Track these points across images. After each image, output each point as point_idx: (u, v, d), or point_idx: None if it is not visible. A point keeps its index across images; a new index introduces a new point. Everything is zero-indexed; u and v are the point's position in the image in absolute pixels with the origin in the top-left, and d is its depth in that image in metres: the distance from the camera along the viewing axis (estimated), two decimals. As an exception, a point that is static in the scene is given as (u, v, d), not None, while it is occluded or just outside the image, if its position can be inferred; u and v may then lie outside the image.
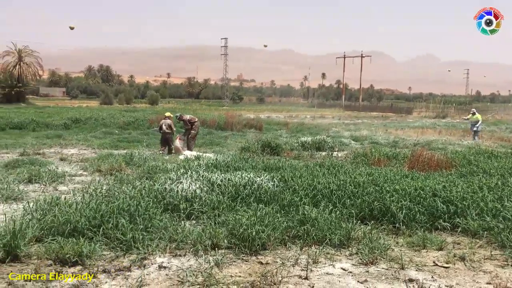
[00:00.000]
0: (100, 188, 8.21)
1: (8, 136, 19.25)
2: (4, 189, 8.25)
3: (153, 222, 6.05)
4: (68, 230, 5.65)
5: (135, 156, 12.32)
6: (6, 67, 66.03)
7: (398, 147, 18.00)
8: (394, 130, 28.19)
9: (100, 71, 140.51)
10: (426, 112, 61.25)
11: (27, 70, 65.22)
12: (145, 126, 24.99)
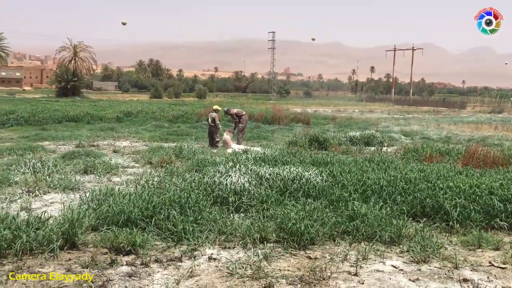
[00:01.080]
0: (151, 180, 8.45)
1: (65, 128, 20.07)
2: (62, 179, 8.62)
3: (203, 214, 6.15)
4: (122, 220, 5.84)
5: (184, 149, 12.55)
6: (62, 62, 68.88)
7: (451, 142, 17.43)
8: (446, 125, 27.31)
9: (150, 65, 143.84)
10: (481, 107, 58.93)
11: (81, 65, 67.68)
12: (193, 119, 25.41)
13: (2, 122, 20.99)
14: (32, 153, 11.66)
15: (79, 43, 69.56)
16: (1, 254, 4.86)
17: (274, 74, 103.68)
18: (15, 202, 7.27)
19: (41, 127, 20.21)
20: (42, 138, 16.20)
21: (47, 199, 7.64)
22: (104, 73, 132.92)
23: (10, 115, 22.40)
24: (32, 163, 9.66)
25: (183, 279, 4.52)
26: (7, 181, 8.51)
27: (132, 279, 4.51)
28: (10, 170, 9.48)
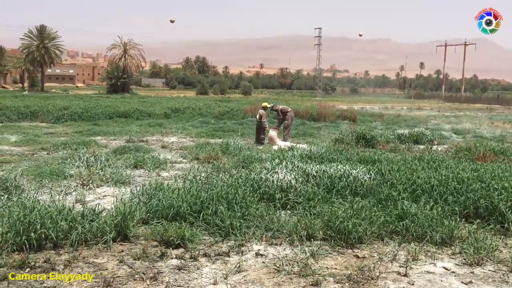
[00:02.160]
0: (199, 175, 8.59)
1: (115, 124, 20.70)
2: (113, 173, 8.90)
3: (250, 210, 6.19)
4: (171, 214, 5.97)
5: (231, 145, 12.67)
6: (113, 59, 70.99)
7: (506, 141, 16.73)
8: (500, 123, 26.23)
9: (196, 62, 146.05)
10: (538, 104, 56.13)
11: (131, 62, 69.46)
12: (239, 116, 25.61)
13: (57, 117, 21.90)
14: (85, 148, 12.13)
15: (129, 40, 71.42)
16: (58, 244, 5.08)
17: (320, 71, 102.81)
18: (70, 194, 7.58)
19: (93, 122, 20.95)
20: (95, 133, 16.78)
21: (100, 192, 7.91)
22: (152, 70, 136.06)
23: (64, 110, 23.33)
24: (86, 157, 10.03)
25: (231, 274, 4.57)
26: (63, 174, 8.87)
27: (182, 272, 4.61)
28: (65, 163, 9.88)
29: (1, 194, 6.81)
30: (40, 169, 9.28)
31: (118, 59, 69.11)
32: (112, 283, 4.28)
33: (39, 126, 19.48)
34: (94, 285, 4.24)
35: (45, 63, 67.46)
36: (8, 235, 4.92)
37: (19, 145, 13.34)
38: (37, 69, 69.86)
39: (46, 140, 14.33)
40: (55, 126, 19.90)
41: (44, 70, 71.42)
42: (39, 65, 67.78)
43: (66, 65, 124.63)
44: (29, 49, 66.61)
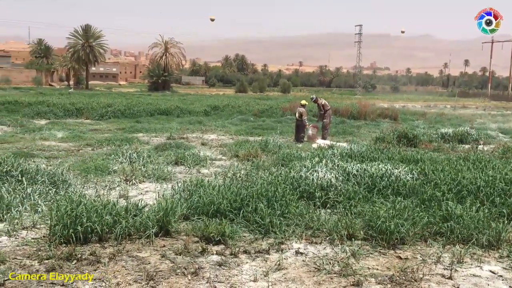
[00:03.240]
0: (238, 172, 8.64)
1: (157, 121, 21.08)
2: (155, 169, 9.08)
3: (290, 208, 6.17)
4: (211, 211, 6.04)
5: (270, 143, 12.67)
6: (154, 57, 72.37)
7: (557, 142, 15.99)
8: (551, 122, 25.10)
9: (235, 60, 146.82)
10: None
11: (172, 61, 70.60)
12: (278, 114, 25.59)
13: (101, 114, 22.51)
14: (128, 144, 12.41)
15: (170, 39, 72.60)
16: (103, 238, 5.22)
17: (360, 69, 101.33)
18: (114, 189, 7.78)
19: (135, 119, 21.41)
20: (137, 130, 17.15)
21: (142, 187, 8.09)
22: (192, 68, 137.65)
23: (108, 108, 23.95)
24: (129, 153, 10.27)
25: (271, 272, 4.58)
26: (107, 170, 9.12)
27: (222, 268, 4.65)
28: (109, 159, 10.15)
29: (50, 188, 7.05)
30: (85, 164, 9.56)
31: (159, 57, 70.37)
32: (155, 277, 4.36)
33: (84, 123, 20.08)
34: (137, 278, 4.34)
35: (89, 61, 69.54)
36: (56, 227, 5.10)
37: (66, 141, 13.80)
38: (82, 68, 72.05)
39: (90, 137, 14.76)
40: (99, 123, 20.46)
41: (89, 69, 73.60)
42: (84, 64, 69.91)
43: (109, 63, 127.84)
44: (74, 48, 68.81)
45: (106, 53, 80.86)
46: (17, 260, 4.65)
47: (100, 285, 4.18)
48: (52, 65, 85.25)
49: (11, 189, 6.53)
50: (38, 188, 6.88)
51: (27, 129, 16.19)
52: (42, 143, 13.11)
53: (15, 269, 4.41)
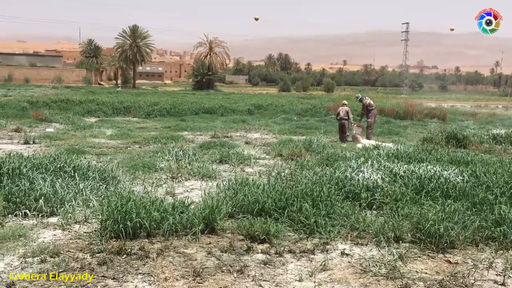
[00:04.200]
0: (283, 172, 8.64)
1: (201, 119, 21.38)
2: (200, 167, 9.21)
3: (335, 208, 6.12)
4: (256, 210, 6.06)
5: (314, 142, 12.60)
6: (199, 57, 73.38)
7: None
8: None
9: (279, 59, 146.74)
10: None
11: (216, 60, 71.36)
12: (322, 113, 25.42)
13: (148, 113, 23.06)
14: (174, 142, 12.66)
15: (214, 38, 73.37)
16: (151, 234, 5.35)
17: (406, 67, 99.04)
18: (161, 186, 7.95)
19: (181, 118, 21.80)
20: (182, 129, 17.45)
21: (188, 185, 8.22)
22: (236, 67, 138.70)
23: (154, 106, 24.50)
24: (175, 151, 10.47)
25: (316, 272, 4.56)
26: (154, 167, 9.33)
27: (267, 267, 4.66)
28: (156, 157, 10.39)
29: (100, 184, 7.29)
30: (133, 161, 9.82)
31: (204, 56, 71.30)
32: (201, 273, 4.43)
33: (131, 121, 20.62)
34: (184, 274, 4.42)
35: (136, 61, 71.31)
36: (107, 222, 5.27)
37: (114, 139, 14.22)
38: (129, 67, 73.98)
39: (138, 134, 15.14)
40: (146, 121, 20.96)
41: (136, 68, 75.47)
42: (131, 63, 71.77)
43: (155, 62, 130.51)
44: (122, 48, 70.73)
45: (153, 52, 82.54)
46: (70, 253, 4.84)
47: (149, 279, 4.29)
48: (101, 64, 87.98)
49: (65, 185, 6.80)
50: (90, 183, 7.13)
51: (78, 127, 16.78)
52: (92, 140, 13.56)
53: (68, 261, 4.58)
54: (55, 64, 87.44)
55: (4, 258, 4.66)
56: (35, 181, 6.64)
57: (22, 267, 4.45)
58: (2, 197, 6.08)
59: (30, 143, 12.68)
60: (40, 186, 6.45)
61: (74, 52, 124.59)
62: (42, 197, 6.17)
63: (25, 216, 5.93)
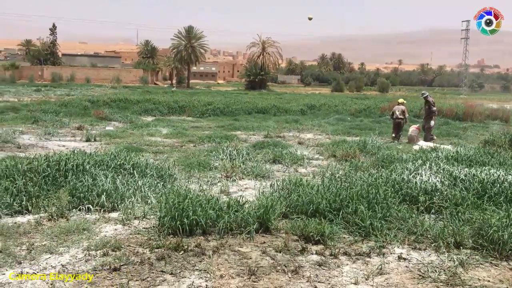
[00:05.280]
0: (337, 173, 8.55)
1: (254, 119, 21.53)
2: (254, 167, 9.27)
3: (391, 211, 5.99)
4: (310, 210, 6.04)
5: (368, 143, 12.38)
6: (251, 57, 73.97)
7: None
8: None
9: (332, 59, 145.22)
10: None
11: (268, 60, 71.72)
12: (376, 114, 24.94)
13: (202, 112, 23.50)
14: (227, 142, 12.82)
15: (267, 38, 73.71)
16: (207, 231, 5.45)
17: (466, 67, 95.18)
18: (216, 185, 8.07)
19: (234, 117, 22.04)
20: (235, 128, 17.64)
21: (242, 184, 8.31)
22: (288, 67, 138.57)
23: (208, 106, 24.93)
24: (229, 150, 10.61)
25: (372, 275, 4.48)
26: (208, 166, 9.49)
27: (322, 268, 4.63)
28: (210, 156, 10.56)
29: (157, 181, 7.51)
30: (188, 160, 10.03)
31: (257, 56, 71.82)
32: (256, 272, 4.47)
33: (186, 120, 21.07)
34: (240, 272, 4.47)
35: (191, 61, 72.84)
36: (165, 219, 5.41)
37: (170, 137, 14.59)
38: (184, 67, 75.70)
39: (192, 133, 15.45)
40: (200, 120, 21.36)
41: (190, 68, 77.05)
42: (186, 63, 73.42)
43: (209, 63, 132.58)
44: (178, 49, 72.45)
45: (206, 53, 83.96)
46: (130, 247, 5.01)
47: (205, 276, 4.37)
48: (157, 65, 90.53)
49: (125, 181, 7.04)
50: (148, 181, 7.35)
51: (135, 125, 17.34)
52: (149, 139, 13.97)
53: (129, 255, 4.75)
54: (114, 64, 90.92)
55: (69, 250, 4.89)
56: (97, 178, 6.93)
57: (86, 260, 4.66)
58: (67, 192, 6.39)
59: (92, 140, 13.24)
60: (102, 182, 6.73)
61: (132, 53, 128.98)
62: (104, 193, 6.44)
63: (88, 210, 6.20)
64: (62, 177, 6.89)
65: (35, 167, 6.99)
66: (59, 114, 19.41)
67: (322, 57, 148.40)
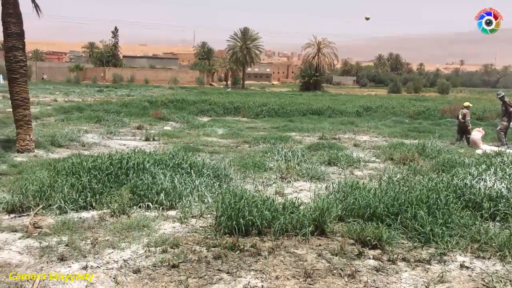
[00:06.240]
0: (394, 176, 8.33)
1: (309, 120, 21.38)
2: (309, 169, 9.22)
3: (453, 218, 5.76)
4: (367, 214, 5.93)
5: (428, 147, 11.99)
6: (306, 58, 73.63)
7: None
8: None
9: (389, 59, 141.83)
10: None
11: (324, 61, 71.08)
12: (436, 116, 24.11)
13: (257, 113, 23.62)
14: (282, 143, 12.82)
15: (323, 39, 73.06)
16: (262, 232, 5.47)
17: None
18: (271, 186, 8.10)
19: (288, 119, 22.01)
20: (290, 129, 17.61)
21: (296, 186, 8.28)
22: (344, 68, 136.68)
23: (263, 107, 25.02)
24: (284, 152, 10.61)
25: (433, 283, 4.33)
26: (263, 167, 9.53)
27: (380, 274, 4.54)
28: (265, 157, 10.60)
29: (214, 181, 7.63)
30: (244, 160, 10.12)
31: (312, 57, 71.37)
32: (312, 275, 4.44)
33: (241, 121, 21.26)
34: (295, 274, 4.46)
35: (246, 62, 73.54)
36: (221, 218, 5.49)
37: (225, 138, 14.78)
38: (239, 68, 76.56)
39: (247, 134, 15.57)
40: (255, 121, 21.49)
41: (245, 69, 77.75)
42: (241, 65, 74.20)
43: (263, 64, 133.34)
44: (233, 50, 73.37)
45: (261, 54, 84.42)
46: (188, 245, 5.12)
47: (261, 276, 4.40)
48: (213, 66, 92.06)
49: (182, 180, 7.21)
50: (204, 180, 7.49)
51: (192, 125, 17.70)
52: (205, 139, 14.22)
53: (187, 253, 4.86)
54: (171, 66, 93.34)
55: (130, 246, 5.07)
56: (156, 176, 7.13)
57: (146, 256, 4.81)
58: (128, 190, 6.63)
59: (150, 140, 13.65)
60: (161, 181, 6.92)
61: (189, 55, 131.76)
62: (162, 191, 6.63)
63: (147, 208, 6.40)
64: (123, 175, 7.15)
65: (99, 165, 7.29)
66: (120, 114, 20.14)
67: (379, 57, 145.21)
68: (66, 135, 12.81)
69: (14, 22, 10.49)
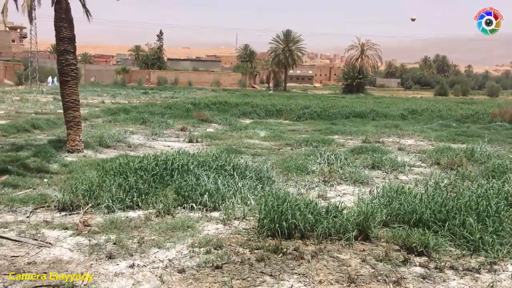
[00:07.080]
0: (441, 181, 8.11)
1: (351, 123, 21.11)
2: (352, 172, 9.10)
3: (504, 225, 5.56)
4: (413, 220, 5.80)
5: (476, 151, 11.60)
6: (349, 60, 72.76)
7: None
8: None
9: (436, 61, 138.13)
10: None
11: (367, 63, 70.03)
12: (485, 120, 23.28)
13: (299, 116, 23.53)
14: (325, 146, 12.72)
15: (367, 41, 72.06)
16: (305, 235, 5.45)
17: None
18: (313, 189, 8.05)
19: (331, 121, 21.79)
20: (332, 132, 17.45)
21: (339, 189, 8.20)
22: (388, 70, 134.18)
23: (305, 109, 24.89)
24: (327, 155, 10.52)
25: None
26: (306, 170, 9.49)
27: (426, 282, 4.43)
28: (308, 160, 10.55)
29: (256, 183, 7.66)
30: (286, 163, 10.10)
31: (355, 59, 70.49)
32: (356, 280, 4.38)
33: (283, 123, 21.23)
34: (339, 279, 4.42)
35: (288, 65, 73.51)
36: (264, 221, 5.51)
37: (267, 140, 14.81)
38: (281, 70, 76.55)
39: (289, 137, 15.54)
40: (297, 123, 21.41)
41: (287, 71, 77.71)
42: (283, 67, 74.22)
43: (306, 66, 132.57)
44: (275, 52, 73.50)
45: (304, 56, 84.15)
46: (231, 246, 5.17)
47: (304, 280, 4.38)
48: (255, 68, 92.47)
49: (225, 182, 7.28)
50: (247, 182, 7.53)
51: (234, 128, 17.83)
52: (247, 141, 14.30)
53: (230, 255, 4.90)
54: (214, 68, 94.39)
55: (175, 246, 5.17)
56: (200, 178, 7.23)
57: (190, 256, 4.89)
58: (173, 190, 6.75)
59: (194, 141, 13.85)
60: (205, 183, 7.02)
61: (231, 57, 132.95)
62: (206, 192, 6.72)
63: (191, 209, 6.50)
64: (168, 176, 7.30)
65: (145, 165, 7.47)
66: (164, 116, 20.53)
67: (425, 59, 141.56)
68: (113, 136, 13.19)
69: (66, 26, 10.91)
